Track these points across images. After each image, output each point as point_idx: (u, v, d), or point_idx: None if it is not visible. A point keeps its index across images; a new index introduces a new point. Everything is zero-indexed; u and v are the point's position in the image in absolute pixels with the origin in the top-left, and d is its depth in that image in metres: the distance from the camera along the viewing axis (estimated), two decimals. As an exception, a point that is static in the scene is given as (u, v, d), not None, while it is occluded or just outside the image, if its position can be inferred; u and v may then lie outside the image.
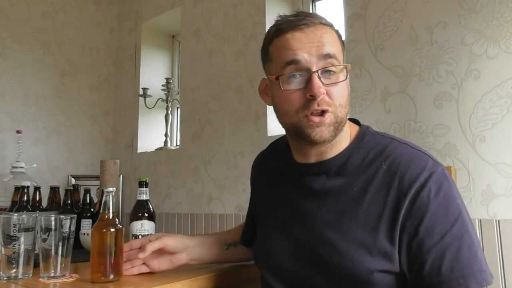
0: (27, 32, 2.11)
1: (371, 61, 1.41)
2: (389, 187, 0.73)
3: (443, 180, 0.71)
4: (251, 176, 1.04)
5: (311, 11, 1.80)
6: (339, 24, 1.51)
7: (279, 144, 0.97)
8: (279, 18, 0.80)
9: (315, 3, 1.81)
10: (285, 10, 1.82)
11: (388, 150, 0.77)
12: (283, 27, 0.77)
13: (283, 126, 0.82)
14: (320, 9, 1.80)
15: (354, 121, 0.87)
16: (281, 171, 0.90)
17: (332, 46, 0.75)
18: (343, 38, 1.04)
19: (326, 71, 0.75)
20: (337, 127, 0.75)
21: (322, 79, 0.74)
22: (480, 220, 1.14)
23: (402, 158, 0.74)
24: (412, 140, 1.27)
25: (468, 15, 1.23)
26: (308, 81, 0.73)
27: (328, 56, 0.74)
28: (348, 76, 0.77)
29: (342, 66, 0.76)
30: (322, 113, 0.74)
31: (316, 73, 0.73)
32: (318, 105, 0.73)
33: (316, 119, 0.74)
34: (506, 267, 1.09)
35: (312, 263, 0.77)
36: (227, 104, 1.84)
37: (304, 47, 0.74)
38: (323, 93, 0.73)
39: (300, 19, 0.77)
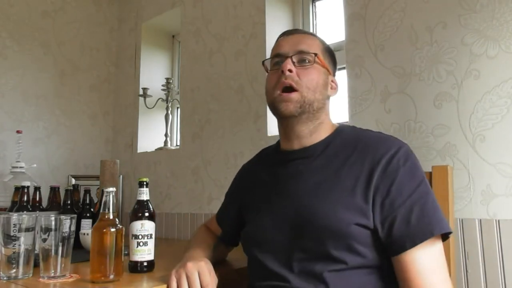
0: (27, 32, 2.11)
1: (371, 61, 1.41)
2: (363, 159, 0.86)
3: (409, 153, 0.86)
4: (236, 181, 1.14)
5: (311, 12, 1.81)
6: (339, 24, 1.51)
7: (264, 151, 1.11)
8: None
9: (315, 3, 1.81)
10: (285, 10, 1.82)
11: (363, 135, 0.93)
12: (280, 35, 1.00)
13: (269, 106, 0.96)
14: (320, 9, 1.80)
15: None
16: (270, 163, 1.02)
17: (308, 47, 0.93)
18: (342, 39, 1.19)
19: (302, 60, 0.92)
20: (304, 107, 0.90)
21: (296, 64, 0.92)
22: (480, 220, 1.14)
23: (374, 139, 0.90)
24: (412, 140, 1.28)
25: (468, 15, 1.23)
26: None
27: (302, 52, 0.92)
28: (316, 62, 0.92)
29: (314, 58, 0.92)
30: (291, 90, 0.90)
31: (290, 58, 0.91)
32: (286, 79, 0.90)
33: (285, 95, 0.90)
34: (506, 267, 1.09)
35: (296, 228, 0.86)
36: (227, 104, 1.84)
37: (287, 44, 0.95)
38: (289, 69, 0.90)
39: (293, 30, 1.01)
